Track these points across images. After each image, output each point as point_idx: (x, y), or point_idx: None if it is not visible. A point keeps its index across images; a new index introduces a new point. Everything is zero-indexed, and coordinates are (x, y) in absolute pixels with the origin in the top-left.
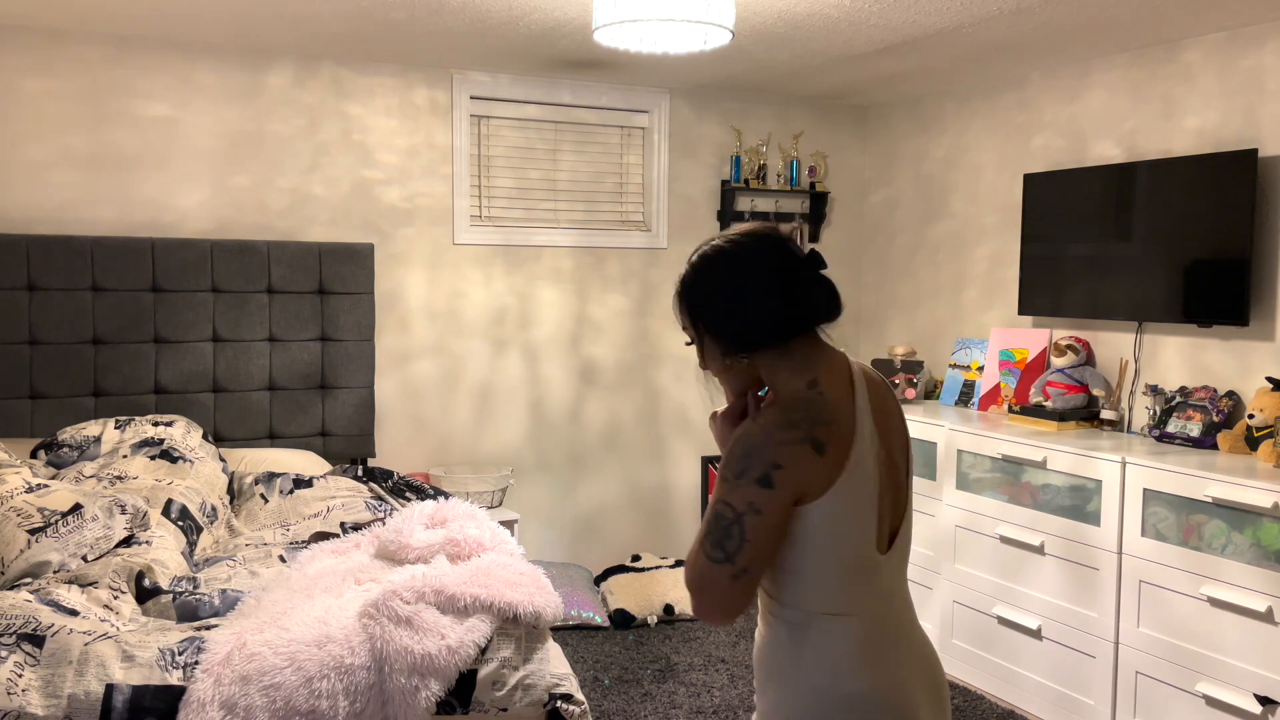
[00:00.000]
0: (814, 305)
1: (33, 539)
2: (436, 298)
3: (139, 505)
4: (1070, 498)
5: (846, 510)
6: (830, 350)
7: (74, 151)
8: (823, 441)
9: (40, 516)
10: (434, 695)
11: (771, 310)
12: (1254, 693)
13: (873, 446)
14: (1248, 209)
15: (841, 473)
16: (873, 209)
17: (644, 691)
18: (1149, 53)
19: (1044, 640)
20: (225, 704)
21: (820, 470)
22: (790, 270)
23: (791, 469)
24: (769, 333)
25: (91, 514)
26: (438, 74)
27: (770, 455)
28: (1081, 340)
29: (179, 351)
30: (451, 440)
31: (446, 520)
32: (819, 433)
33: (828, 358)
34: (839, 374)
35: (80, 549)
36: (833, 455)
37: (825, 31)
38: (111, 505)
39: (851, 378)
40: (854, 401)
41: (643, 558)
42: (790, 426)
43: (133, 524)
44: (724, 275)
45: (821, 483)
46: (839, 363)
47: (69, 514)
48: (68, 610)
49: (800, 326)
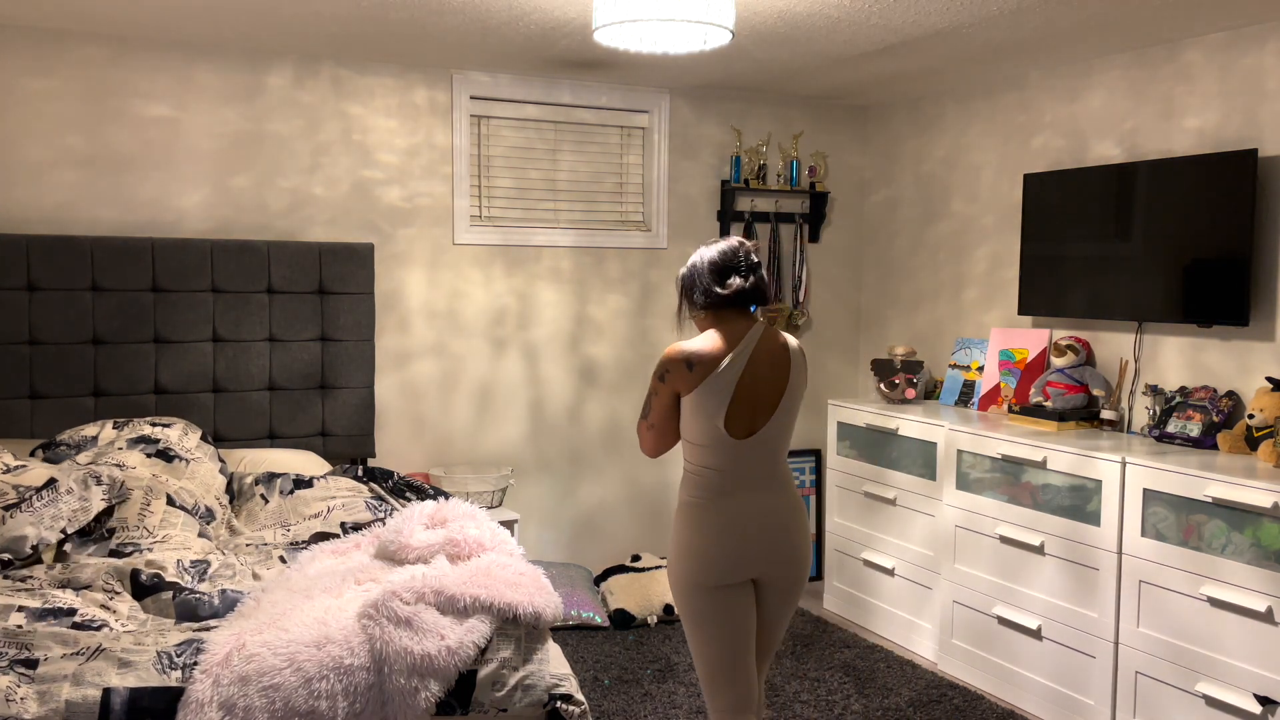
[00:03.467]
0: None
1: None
2: (436, 298)
3: (115, 475)
4: (1070, 498)
5: (703, 405)
6: (745, 318)
7: (74, 151)
8: (693, 364)
9: (15, 493)
10: (434, 696)
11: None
12: (1254, 693)
13: (733, 376)
14: (1248, 209)
15: (701, 383)
16: (873, 209)
17: (644, 691)
18: (1149, 53)
19: (1044, 640)
20: (224, 705)
21: (688, 379)
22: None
23: (673, 375)
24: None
25: (66, 486)
26: (438, 74)
27: (665, 365)
28: (1081, 340)
29: (179, 352)
30: (451, 440)
31: (446, 520)
32: (693, 359)
33: (737, 322)
34: (736, 333)
35: (57, 521)
36: (697, 373)
37: (825, 31)
38: (86, 477)
39: (745, 337)
40: (733, 349)
41: (643, 558)
42: (680, 353)
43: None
44: (694, 264)
45: (689, 386)
46: (742, 327)
47: (43, 488)
48: (65, 611)
49: (724, 304)
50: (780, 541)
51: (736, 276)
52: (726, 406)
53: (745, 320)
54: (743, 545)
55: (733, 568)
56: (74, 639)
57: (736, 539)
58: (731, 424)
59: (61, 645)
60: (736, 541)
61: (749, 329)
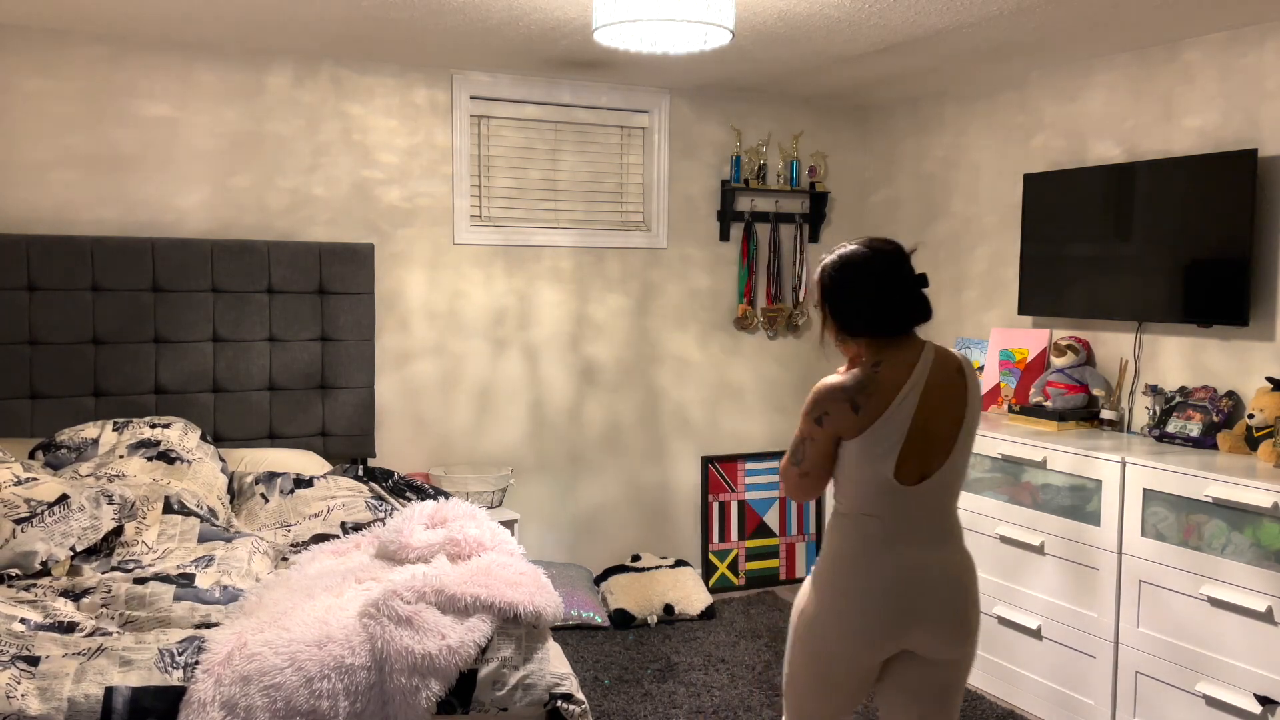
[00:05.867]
0: (907, 315)
1: (18, 529)
2: (436, 298)
3: (126, 495)
4: (1070, 498)
5: (869, 451)
6: (910, 341)
7: (74, 151)
8: (859, 405)
9: (26, 507)
10: (434, 695)
11: (874, 317)
12: (1254, 693)
13: (905, 414)
14: (1248, 209)
15: (870, 427)
16: (873, 209)
17: (644, 691)
18: (1149, 53)
19: (1044, 640)
20: (226, 704)
21: (854, 422)
22: (899, 286)
23: (834, 417)
24: (869, 330)
25: (78, 504)
26: (438, 74)
27: (824, 406)
28: (1081, 340)
29: (179, 351)
30: (451, 440)
31: (446, 520)
32: (859, 399)
33: (902, 347)
34: (904, 360)
35: (67, 539)
36: (865, 415)
37: (825, 31)
38: (99, 495)
39: (916, 364)
40: (905, 382)
41: (643, 558)
42: (842, 390)
43: (120, 514)
44: (853, 282)
45: (854, 430)
46: (911, 352)
47: (55, 504)
48: (64, 628)
49: (889, 329)
50: (948, 610)
51: (898, 292)
52: (898, 451)
53: (913, 344)
54: (900, 614)
55: (883, 640)
56: (74, 642)
57: (894, 607)
58: (901, 469)
59: (62, 648)
60: (894, 610)
61: (919, 354)
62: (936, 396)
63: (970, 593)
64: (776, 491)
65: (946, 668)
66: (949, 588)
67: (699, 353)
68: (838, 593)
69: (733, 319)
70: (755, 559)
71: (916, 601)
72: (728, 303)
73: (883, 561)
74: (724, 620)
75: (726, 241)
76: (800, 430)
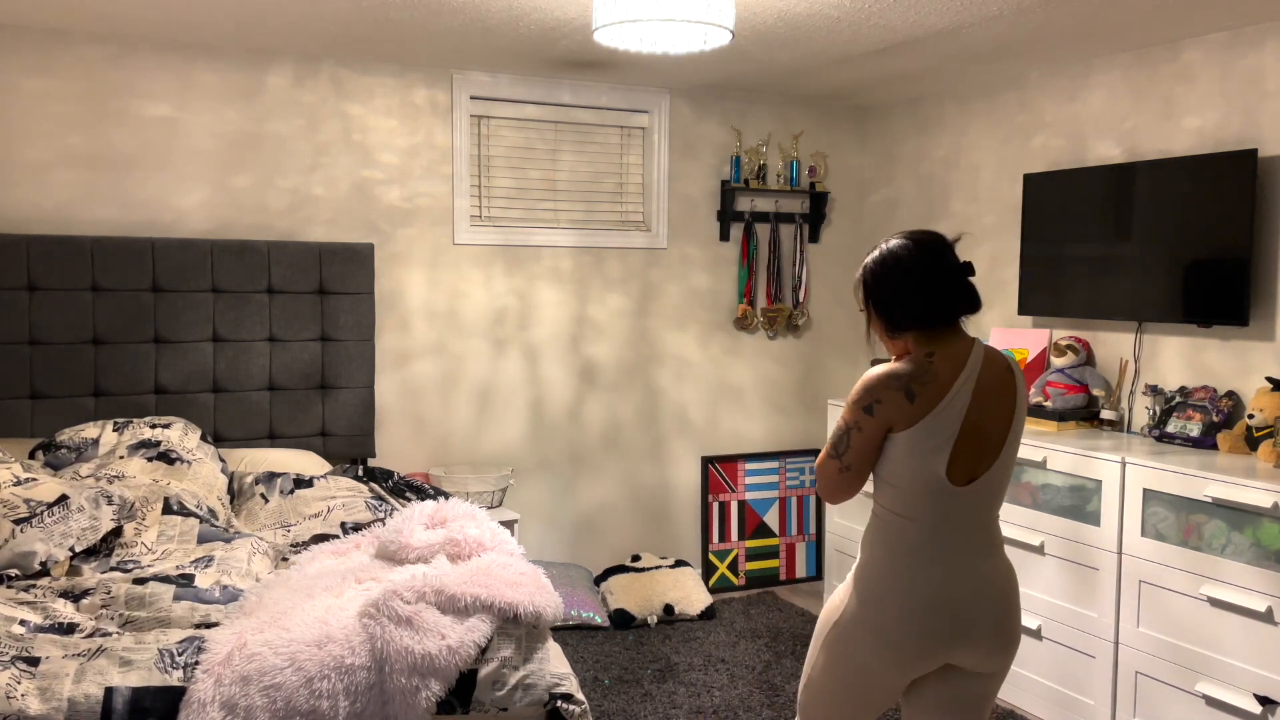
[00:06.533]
0: (953, 305)
1: (18, 529)
2: (436, 298)
3: (125, 496)
4: (1070, 498)
5: (921, 445)
6: (959, 335)
7: (74, 151)
8: (915, 394)
9: (26, 507)
10: (434, 695)
11: (919, 308)
12: (1254, 693)
13: (959, 408)
14: (1248, 209)
15: (924, 417)
16: (873, 209)
17: (644, 691)
18: (1149, 53)
19: (1044, 640)
20: (226, 704)
21: (907, 411)
22: (942, 276)
23: (886, 405)
24: (915, 323)
25: (78, 504)
26: (438, 74)
27: (876, 393)
28: (1081, 340)
29: (179, 351)
30: (451, 440)
31: (446, 520)
32: (914, 387)
33: (952, 341)
34: (956, 353)
35: (66, 539)
36: (920, 404)
37: (825, 31)
38: (98, 496)
39: (968, 358)
40: (958, 375)
41: (643, 558)
42: (896, 378)
43: (120, 515)
44: (895, 276)
45: (907, 420)
46: (962, 345)
47: (55, 504)
48: (64, 629)
49: (937, 320)
50: (995, 627)
51: (941, 282)
52: (952, 446)
53: (962, 338)
54: (942, 633)
55: (918, 660)
56: (74, 643)
57: (936, 627)
58: (952, 467)
59: (61, 649)
60: (936, 629)
61: (970, 349)
62: (988, 393)
63: (1016, 606)
64: (776, 492)
65: (984, 679)
66: (997, 604)
67: (699, 353)
68: (875, 602)
69: (733, 319)
70: (755, 559)
71: (961, 619)
72: (728, 303)
73: (929, 574)
74: (724, 620)
75: (726, 242)
76: (845, 419)
